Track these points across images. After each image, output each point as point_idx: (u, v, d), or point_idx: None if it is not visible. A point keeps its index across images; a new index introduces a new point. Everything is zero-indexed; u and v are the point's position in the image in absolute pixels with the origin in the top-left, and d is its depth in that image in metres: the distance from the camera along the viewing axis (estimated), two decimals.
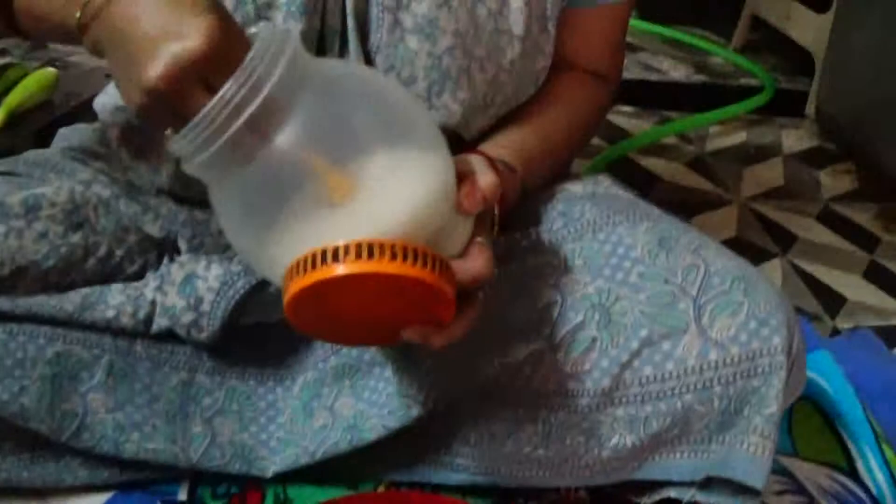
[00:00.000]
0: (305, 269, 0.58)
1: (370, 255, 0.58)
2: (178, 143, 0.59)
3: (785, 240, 1.46)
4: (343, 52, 0.79)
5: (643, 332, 0.76)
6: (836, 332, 1.26)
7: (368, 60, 0.80)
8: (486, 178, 0.67)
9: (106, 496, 0.88)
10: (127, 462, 0.85)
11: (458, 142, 0.84)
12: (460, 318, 0.65)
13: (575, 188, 0.90)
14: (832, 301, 1.32)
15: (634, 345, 0.76)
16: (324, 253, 0.58)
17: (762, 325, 0.74)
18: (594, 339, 0.77)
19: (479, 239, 0.67)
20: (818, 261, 1.41)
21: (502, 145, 0.84)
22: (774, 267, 1.37)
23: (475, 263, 0.65)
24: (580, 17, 0.90)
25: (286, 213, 0.60)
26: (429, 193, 0.62)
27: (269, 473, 0.86)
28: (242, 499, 0.88)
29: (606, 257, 0.79)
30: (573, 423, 0.79)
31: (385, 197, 0.60)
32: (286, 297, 0.60)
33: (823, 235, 1.49)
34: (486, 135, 0.87)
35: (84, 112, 1.27)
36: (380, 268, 0.58)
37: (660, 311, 0.76)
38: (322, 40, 0.79)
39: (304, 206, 0.60)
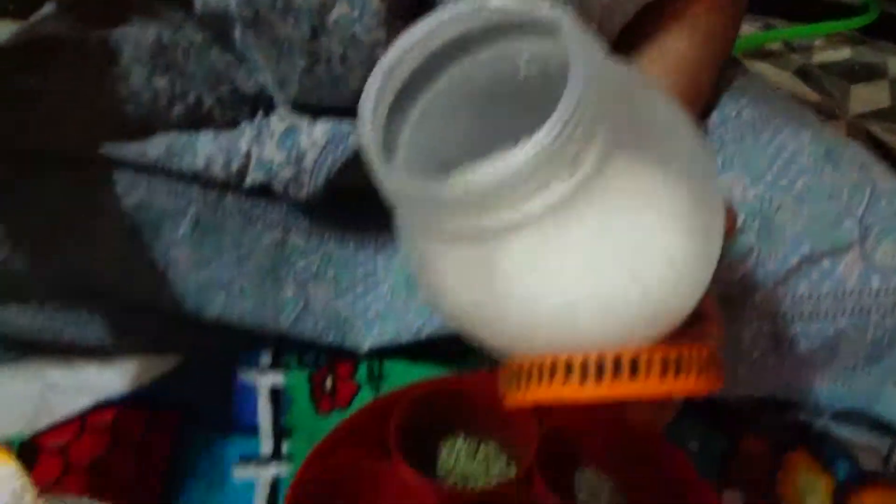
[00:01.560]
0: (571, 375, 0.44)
1: (674, 371, 0.45)
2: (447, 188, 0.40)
3: None
4: None
5: (805, 248, 0.68)
6: None
7: None
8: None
9: (178, 358, 0.81)
10: (206, 324, 0.78)
11: None
12: None
13: (721, 81, 0.80)
14: None
15: (794, 260, 0.68)
16: (583, 364, 0.44)
17: None
18: (751, 249, 0.69)
19: None
20: None
21: None
22: None
23: (713, 330, 0.52)
24: None
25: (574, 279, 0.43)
26: (715, 254, 0.47)
27: (365, 349, 0.79)
28: (332, 369, 0.82)
29: (769, 161, 0.70)
30: None
31: (680, 264, 0.44)
32: (518, 395, 0.47)
33: None
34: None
35: None
36: (668, 387, 0.45)
37: (823, 228, 0.68)
38: None
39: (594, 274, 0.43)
